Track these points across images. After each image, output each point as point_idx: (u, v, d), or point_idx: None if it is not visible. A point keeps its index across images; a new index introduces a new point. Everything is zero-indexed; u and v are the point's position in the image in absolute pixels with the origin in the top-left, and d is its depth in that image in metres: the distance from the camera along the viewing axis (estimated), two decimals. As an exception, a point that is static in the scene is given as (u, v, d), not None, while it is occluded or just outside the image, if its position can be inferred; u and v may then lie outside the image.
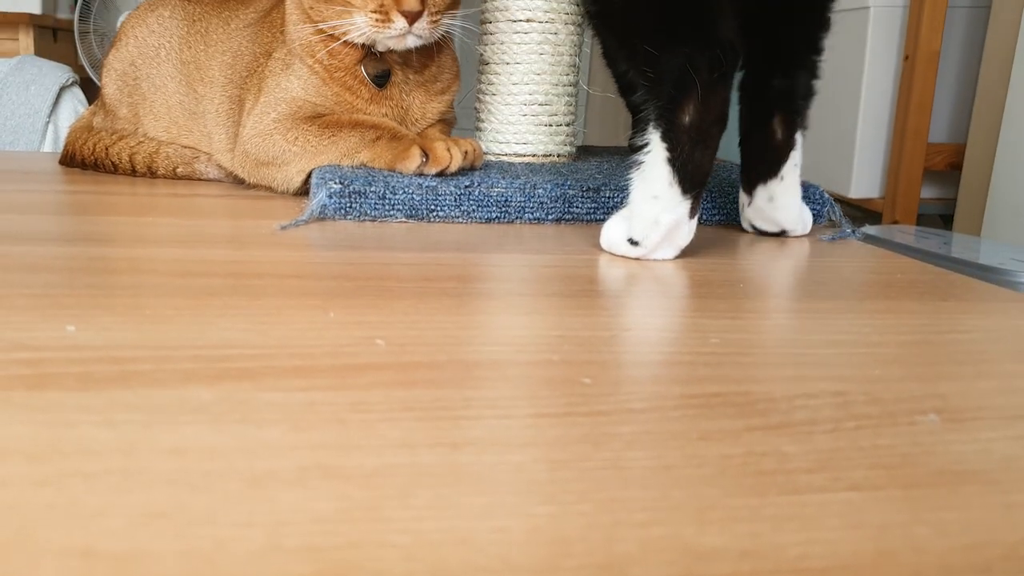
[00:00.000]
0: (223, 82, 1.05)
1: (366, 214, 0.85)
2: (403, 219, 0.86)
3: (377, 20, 0.89)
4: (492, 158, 1.09)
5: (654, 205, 0.70)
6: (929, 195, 2.43)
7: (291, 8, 0.99)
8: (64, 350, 0.44)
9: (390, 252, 0.72)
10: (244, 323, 0.50)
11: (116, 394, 0.38)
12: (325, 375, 0.42)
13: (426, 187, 0.86)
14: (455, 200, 0.86)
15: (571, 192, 0.88)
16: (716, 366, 0.46)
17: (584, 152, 1.18)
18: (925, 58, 2.25)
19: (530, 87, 1.06)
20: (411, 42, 0.92)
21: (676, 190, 0.69)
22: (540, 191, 0.88)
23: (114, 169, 1.11)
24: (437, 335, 0.49)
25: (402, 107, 0.99)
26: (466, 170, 0.92)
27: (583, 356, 0.46)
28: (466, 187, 0.86)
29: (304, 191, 0.96)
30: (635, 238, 0.72)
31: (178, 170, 1.09)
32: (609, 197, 0.89)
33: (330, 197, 0.84)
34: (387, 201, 0.85)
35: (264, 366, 0.43)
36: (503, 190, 0.87)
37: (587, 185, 0.89)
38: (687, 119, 0.68)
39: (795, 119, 0.85)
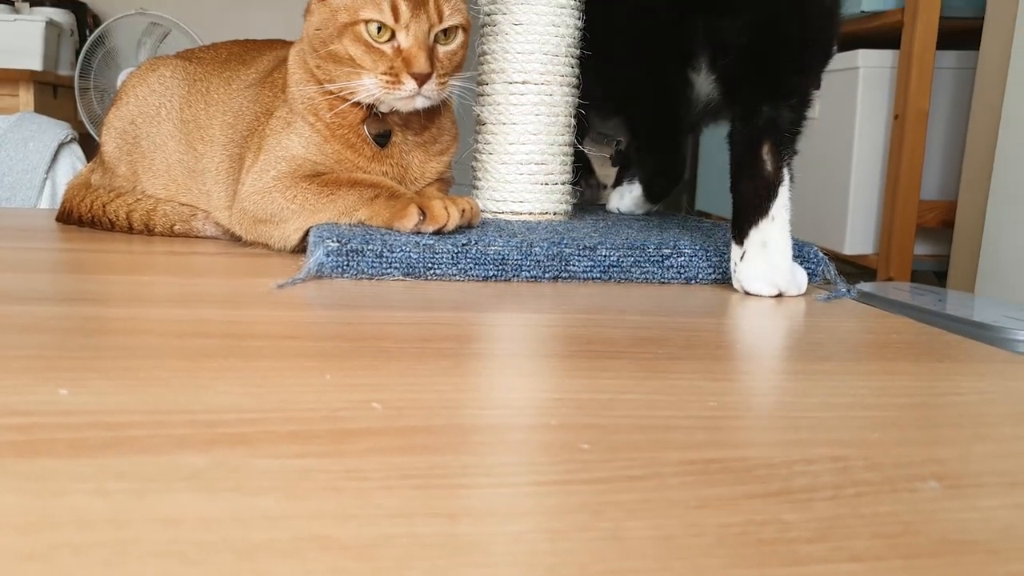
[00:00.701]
0: (224, 141, 1.06)
1: (363, 272, 0.85)
2: (400, 277, 0.86)
3: (387, 82, 0.91)
4: (489, 216, 1.09)
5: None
6: (923, 252, 2.45)
7: (294, 68, 1.00)
8: (56, 415, 0.44)
9: (387, 311, 0.72)
10: (239, 386, 0.49)
11: (108, 461, 0.38)
12: (321, 440, 0.41)
13: (423, 245, 0.86)
14: (452, 258, 0.86)
15: (567, 251, 0.88)
16: (714, 430, 0.46)
17: (579, 210, 1.18)
18: (914, 117, 2.28)
19: (526, 147, 1.07)
20: (420, 103, 0.93)
21: None
22: (537, 249, 0.88)
23: (111, 226, 1.12)
24: (434, 398, 0.49)
25: (402, 166, 1.00)
26: (463, 228, 0.92)
27: (581, 420, 0.46)
28: (463, 245, 0.87)
29: (301, 248, 0.96)
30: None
31: (175, 228, 1.10)
32: (605, 256, 0.89)
33: (327, 255, 0.84)
34: (384, 259, 0.85)
35: (259, 431, 0.42)
36: (500, 248, 0.87)
37: (583, 244, 0.89)
38: None
39: (782, 148, 0.86)
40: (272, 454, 0.40)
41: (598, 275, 0.89)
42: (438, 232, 0.89)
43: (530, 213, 1.08)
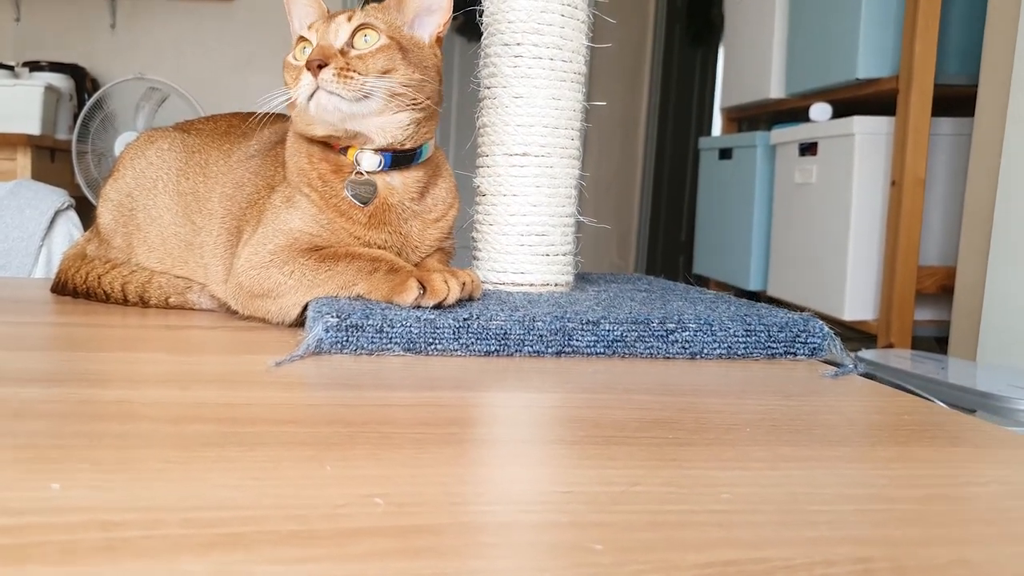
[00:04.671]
0: (222, 213, 1.05)
1: (363, 348, 0.84)
2: (401, 352, 0.84)
3: (289, 81, 0.95)
4: (490, 287, 1.08)
5: None
6: (923, 318, 2.44)
7: (290, 142, 1.00)
8: (48, 513, 0.42)
9: (387, 391, 0.70)
10: (237, 478, 0.48)
11: (102, 569, 0.36)
12: (322, 542, 0.40)
13: (424, 320, 0.85)
14: (454, 333, 0.85)
15: (570, 325, 0.87)
16: (729, 527, 0.44)
17: (581, 280, 1.18)
18: (912, 183, 2.29)
19: (527, 218, 1.07)
20: (324, 98, 0.92)
21: None
22: (539, 324, 0.87)
23: (106, 298, 1.10)
24: (438, 492, 0.47)
25: (401, 233, 0.99)
26: (465, 301, 0.91)
27: (592, 516, 0.44)
28: (464, 320, 0.85)
29: (300, 322, 0.95)
30: None
31: (170, 300, 1.08)
32: (608, 330, 0.88)
33: (327, 331, 0.83)
34: (384, 335, 0.84)
35: (258, 531, 0.40)
36: (502, 323, 0.86)
37: (586, 318, 0.88)
38: None
39: None
40: (272, 558, 0.38)
41: (602, 350, 0.88)
42: (439, 306, 0.88)
43: (531, 284, 1.08)
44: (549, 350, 0.87)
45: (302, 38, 0.97)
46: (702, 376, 0.83)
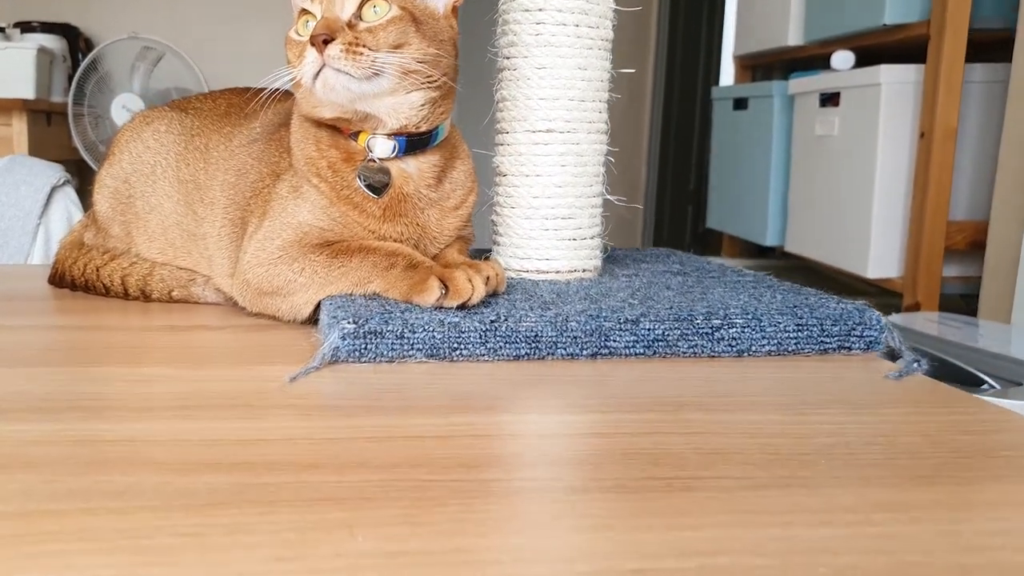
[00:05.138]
0: (225, 203, 0.98)
1: (383, 356, 0.77)
2: (423, 359, 0.78)
3: (292, 59, 0.87)
4: (512, 274, 1.01)
5: None
6: (950, 274, 2.36)
7: (295, 126, 0.92)
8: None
9: (416, 417, 0.64)
10: (257, 560, 0.41)
11: None
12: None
13: (448, 324, 0.78)
14: (480, 337, 0.78)
15: (607, 325, 0.80)
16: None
17: (610, 263, 1.10)
18: (942, 135, 2.20)
19: (552, 200, 0.99)
20: (331, 76, 0.83)
21: None
22: (573, 324, 0.80)
23: (105, 292, 1.04)
24: (491, 574, 0.41)
25: (417, 224, 0.91)
26: (488, 296, 0.84)
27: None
28: (492, 322, 0.79)
29: (313, 320, 0.88)
30: None
31: (173, 293, 1.02)
32: (649, 329, 0.81)
33: (343, 339, 0.76)
34: (406, 341, 0.77)
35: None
36: (532, 324, 0.79)
37: (624, 316, 0.81)
38: None
39: None
40: None
41: (641, 351, 0.81)
42: (462, 306, 0.81)
43: (557, 271, 1.00)
44: (584, 352, 0.80)
45: (304, 11, 0.88)
46: (754, 380, 0.76)
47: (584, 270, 1.02)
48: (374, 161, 0.89)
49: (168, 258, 1.04)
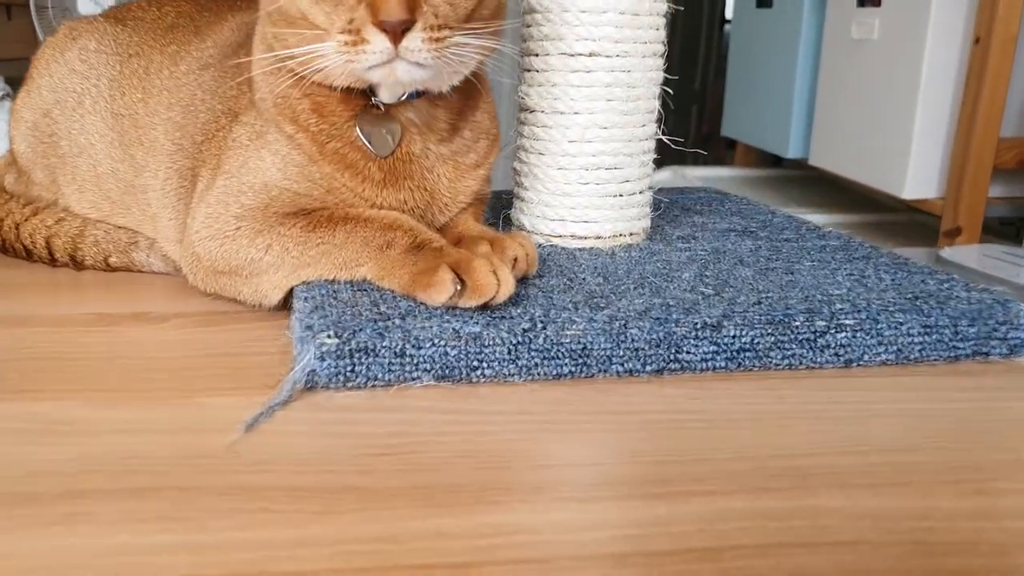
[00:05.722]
0: (170, 148, 0.75)
1: (376, 379, 0.57)
2: (432, 383, 0.57)
3: (347, 43, 0.59)
4: (539, 240, 0.80)
5: None
6: (994, 195, 2.15)
7: (259, 47, 0.69)
8: None
9: (427, 515, 0.43)
10: None
11: None
12: None
13: (466, 336, 0.57)
14: (510, 351, 0.58)
15: (679, 332, 0.59)
16: None
17: (661, 220, 0.87)
18: (1001, 41, 1.96)
19: (595, 146, 0.77)
20: (404, 73, 0.61)
21: None
22: (634, 333, 0.59)
23: (27, 255, 0.82)
24: None
25: (425, 190, 0.69)
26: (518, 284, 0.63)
27: None
28: (525, 331, 0.58)
29: (285, 305, 0.68)
30: None
31: (111, 260, 0.80)
32: (735, 337, 0.60)
33: (322, 359, 0.55)
34: (408, 360, 0.56)
35: None
36: (579, 333, 0.58)
37: (702, 320, 0.60)
38: None
39: None
40: None
41: (722, 364, 0.61)
42: (484, 306, 0.60)
43: (598, 237, 0.79)
44: (647, 368, 0.60)
45: None
46: (886, 416, 0.56)
47: (631, 234, 0.80)
48: (378, 108, 0.67)
49: (103, 214, 0.82)
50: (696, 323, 0.60)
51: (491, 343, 0.57)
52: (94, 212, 0.82)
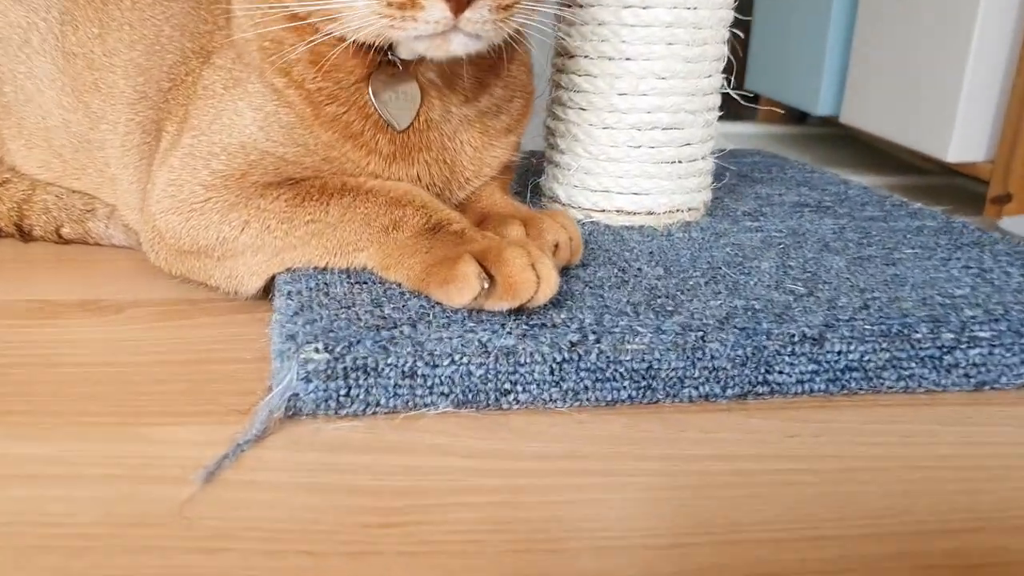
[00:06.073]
0: (132, 96, 0.62)
1: (379, 404, 0.43)
2: (451, 409, 0.44)
3: (391, 4, 0.45)
4: (579, 215, 0.66)
5: None
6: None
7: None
8: None
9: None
10: None
11: None
12: None
13: (496, 350, 0.43)
14: (552, 371, 0.44)
15: (772, 346, 0.46)
16: None
17: (723, 192, 0.73)
18: (1068, -11, 1.80)
19: (650, 100, 0.63)
20: (460, 47, 0.48)
21: None
22: (715, 347, 0.45)
23: (-34, 224, 0.69)
24: None
25: (444, 163, 0.56)
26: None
27: None
28: (573, 346, 0.44)
29: (268, 292, 0.54)
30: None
31: (63, 230, 0.67)
32: (840, 353, 0.47)
33: (307, 379, 0.42)
34: (420, 381, 0.43)
35: None
36: (644, 348, 0.45)
37: (801, 332, 0.46)
38: None
39: None
40: None
41: (820, 386, 0.47)
42: (519, 309, 0.46)
43: (650, 212, 0.65)
44: (727, 392, 0.46)
45: None
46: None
47: (690, 209, 0.67)
48: (396, 65, 0.52)
49: (55, 176, 0.69)
50: (792, 335, 0.46)
51: (528, 360, 0.44)
52: (44, 173, 0.69)
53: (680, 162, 0.64)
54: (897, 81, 2.30)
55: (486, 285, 0.45)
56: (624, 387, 0.45)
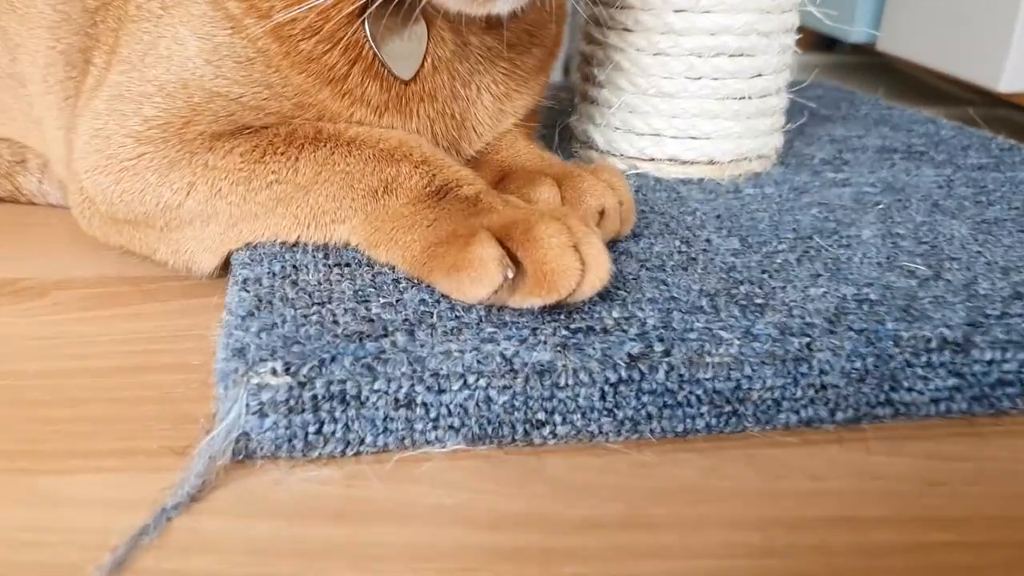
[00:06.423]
0: (52, 18, 0.49)
1: (362, 443, 0.31)
2: (462, 446, 0.32)
3: None
4: (620, 166, 0.53)
5: None
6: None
7: None
8: None
9: None
10: None
11: None
12: None
13: (527, 369, 0.31)
14: (603, 395, 0.32)
15: (895, 350, 0.33)
16: None
17: (795, 137, 0.60)
18: None
19: (713, 18, 0.49)
20: (503, 4, 0.37)
21: None
22: (821, 358, 0.33)
23: None
24: None
25: (452, 116, 0.43)
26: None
27: None
28: (633, 360, 0.32)
29: (224, 270, 0.42)
30: None
31: (-12, 188, 0.54)
32: (992, 361, 0.34)
33: (262, 413, 0.30)
34: (420, 410, 0.31)
35: None
36: (731, 361, 0.32)
37: (939, 334, 0.34)
38: None
39: None
40: None
41: (961, 406, 0.35)
42: (556, 306, 0.34)
43: (711, 162, 0.52)
44: (837, 416, 0.34)
45: None
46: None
47: (759, 157, 0.53)
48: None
49: (-26, 119, 0.56)
50: (927, 338, 0.34)
51: (570, 381, 0.31)
52: (-38, 115, 0.56)
53: (749, 98, 0.51)
54: (943, 7, 2.13)
55: (511, 274, 0.33)
56: (700, 415, 0.33)
